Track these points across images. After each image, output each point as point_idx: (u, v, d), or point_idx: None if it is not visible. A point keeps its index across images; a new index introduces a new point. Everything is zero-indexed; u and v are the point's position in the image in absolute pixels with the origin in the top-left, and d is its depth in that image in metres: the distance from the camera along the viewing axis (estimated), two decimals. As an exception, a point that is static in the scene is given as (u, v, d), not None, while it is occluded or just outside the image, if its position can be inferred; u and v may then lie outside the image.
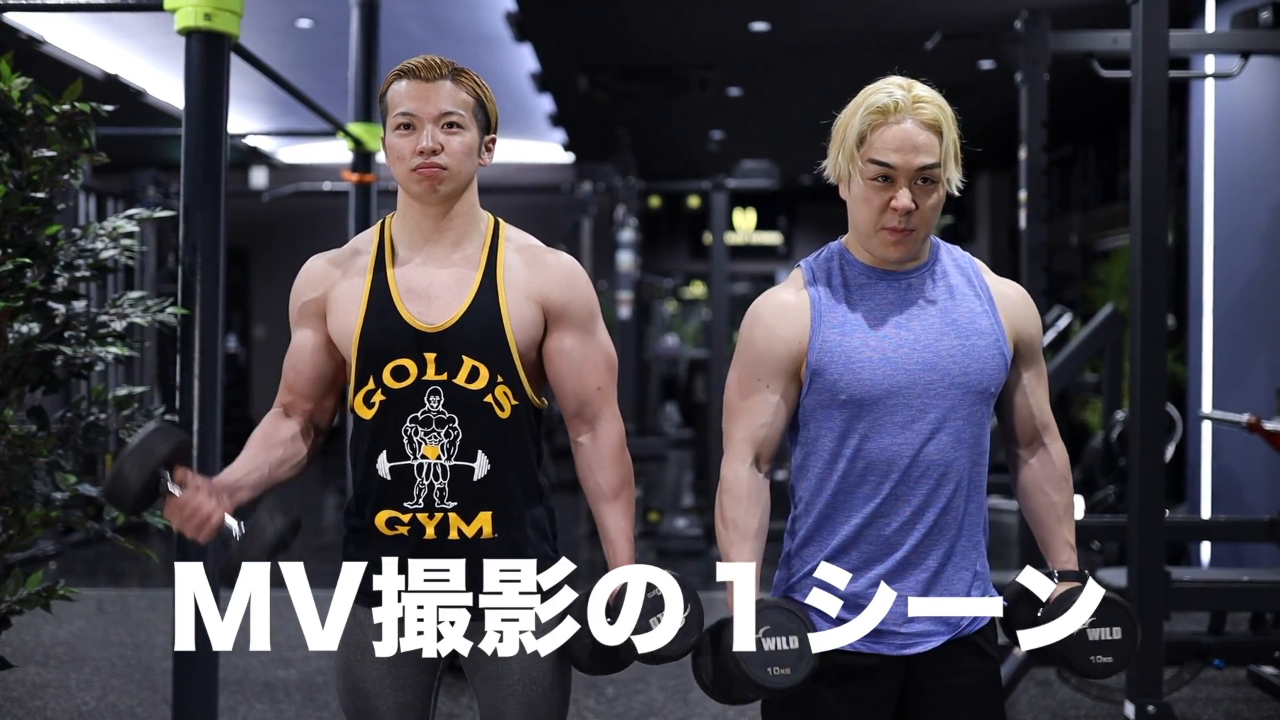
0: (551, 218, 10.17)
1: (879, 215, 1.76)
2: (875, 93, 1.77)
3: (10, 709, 4.03)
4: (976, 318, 1.82)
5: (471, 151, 1.89)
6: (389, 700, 1.91)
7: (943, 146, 1.75)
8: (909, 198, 1.74)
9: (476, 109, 1.90)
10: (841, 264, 1.85)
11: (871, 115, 1.75)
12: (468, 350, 1.85)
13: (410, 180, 1.86)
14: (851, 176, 1.78)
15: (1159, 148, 3.13)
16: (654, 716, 4.01)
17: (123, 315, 2.83)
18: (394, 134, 1.87)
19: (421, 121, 1.85)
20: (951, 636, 1.81)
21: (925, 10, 6.71)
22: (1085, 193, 10.67)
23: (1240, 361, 5.74)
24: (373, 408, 1.86)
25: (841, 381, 1.78)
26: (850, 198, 1.81)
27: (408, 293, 1.88)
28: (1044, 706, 4.12)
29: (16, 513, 2.71)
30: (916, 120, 1.73)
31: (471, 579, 1.85)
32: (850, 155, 1.77)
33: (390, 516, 1.86)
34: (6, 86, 2.66)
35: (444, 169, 1.85)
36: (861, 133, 1.75)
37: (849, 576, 1.79)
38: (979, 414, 1.81)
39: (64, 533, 6.91)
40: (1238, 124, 5.83)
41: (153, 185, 8.11)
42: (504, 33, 7.71)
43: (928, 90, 1.77)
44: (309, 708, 4.07)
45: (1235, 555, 5.76)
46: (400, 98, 1.86)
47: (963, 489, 1.80)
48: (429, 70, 1.86)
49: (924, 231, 1.78)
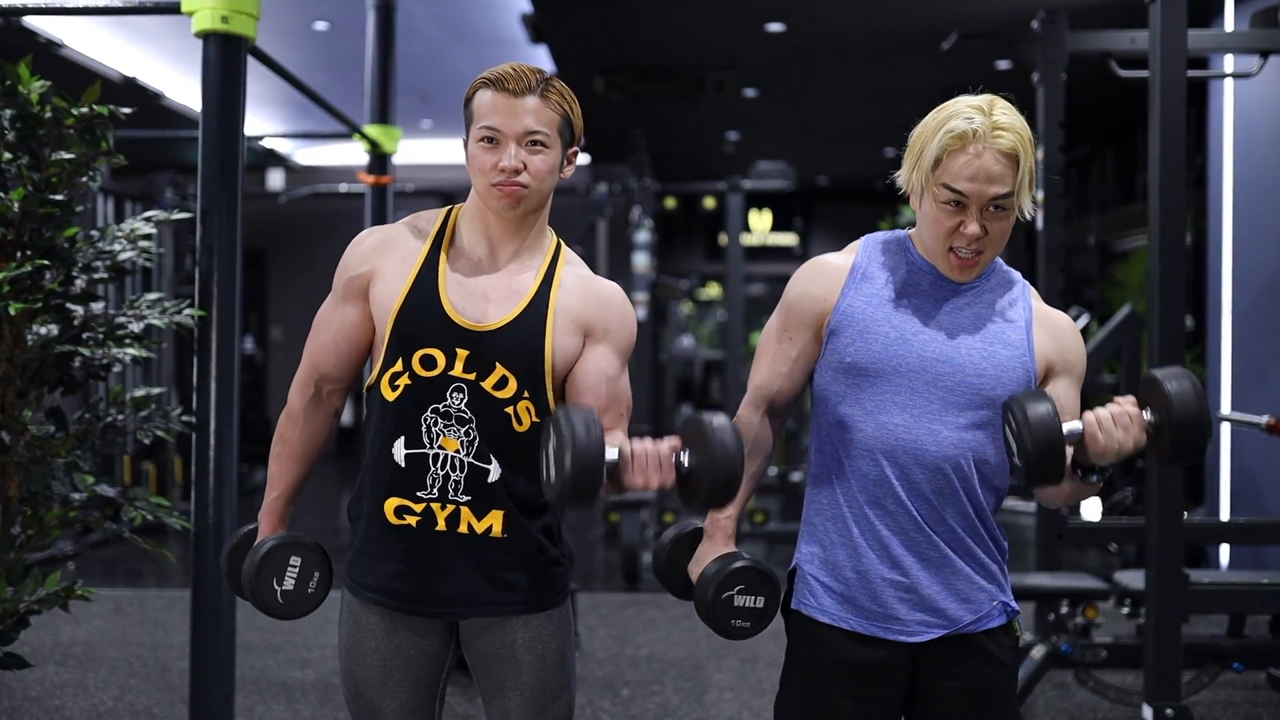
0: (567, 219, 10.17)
1: (947, 238, 1.78)
2: (955, 116, 1.75)
3: (29, 708, 4.05)
4: (1007, 330, 1.82)
5: (554, 170, 1.86)
6: (391, 702, 1.91)
7: (1018, 176, 1.75)
8: (978, 225, 1.75)
9: (562, 126, 1.87)
10: (900, 249, 1.86)
11: (950, 139, 1.74)
12: (502, 358, 1.84)
13: (489, 195, 1.84)
14: (924, 194, 1.79)
15: (1177, 148, 3.11)
16: (669, 718, 4.01)
17: (140, 317, 2.85)
18: (476, 145, 1.84)
19: (506, 138, 1.82)
20: (953, 632, 1.82)
21: (942, 10, 6.69)
22: (1103, 193, 10.62)
23: (1259, 363, 5.70)
24: (397, 390, 1.85)
25: (851, 346, 1.80)
26: (920, 214, 1.82)
27: (456, 286, 1.87)
28: (1061, 709, 4.10)
29: (35, 513, 2.73)
30: (994, 150, 1.73)
31: (480, 575, 1.86)
32: (925, 176, 1.77)
33: (400, 505, 1.85)
34: (26, 90, 2.67)
35: (525, 187, 1.83)
36: (937, 156, 1.75)
37: (853, 561, 1.82)
38: (987, 420, 1.80)
39: (82, 533, 6.95)
40: (1257, 124, 5.80)
41: (170, 187, 8.15)
42: (519, 34, 7.72)
43: (1008, 115, 1.76)
44: (325, 708, 4.08)
45: (1255, 558, 5.73)
46: (486, 110, 1.83)
47: (968, 490, 1.80)
48: (517, 82, 1.82)
49: (990, 255, 1.80)
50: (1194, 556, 5.63)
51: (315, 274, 2.54)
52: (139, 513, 2.74)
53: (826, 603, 1.84)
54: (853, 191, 13.91)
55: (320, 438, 2.00)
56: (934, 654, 1.82)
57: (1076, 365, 1.87)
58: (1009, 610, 1.86)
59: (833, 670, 1.83)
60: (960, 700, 1.82)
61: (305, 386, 1.96)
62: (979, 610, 1.83)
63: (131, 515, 2.74)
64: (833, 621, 1.83)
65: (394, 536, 1.86)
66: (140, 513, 2.74)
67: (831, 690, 1.82)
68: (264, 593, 1.90)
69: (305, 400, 1.96)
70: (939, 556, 1.80)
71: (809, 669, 1.86)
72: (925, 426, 1.78)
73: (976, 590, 1.83)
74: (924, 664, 1.83)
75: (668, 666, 4.60)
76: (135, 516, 2.74)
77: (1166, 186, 3.12)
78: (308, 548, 1.93)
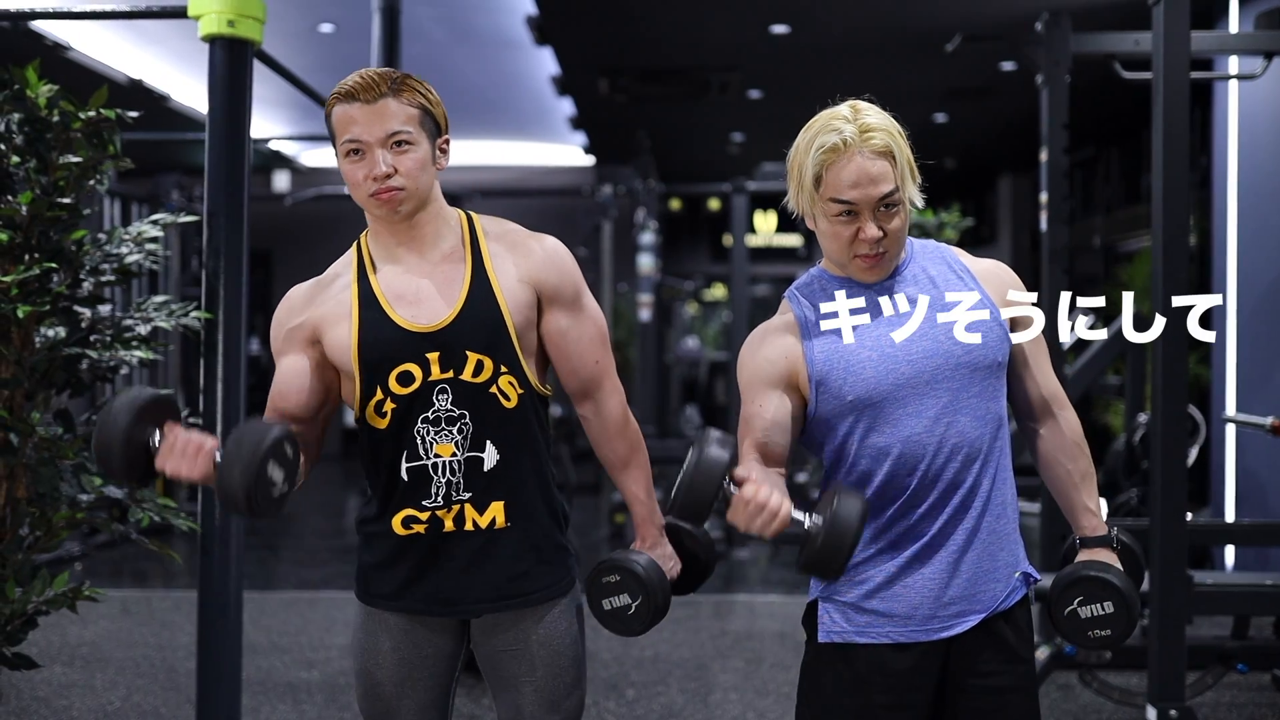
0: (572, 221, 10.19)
1: (849, 246, 1.81)
2: (824, 131, 1.78)
3: (36, 708, 4.06)
4: (965, 297, 1.85)
5: (425, 164, 1.87)
6: (409, 701, 1.92)
7: (897, 170, 1.78)
8: (875, 228, 1.78)
9: (424, 119, 1.87)
10: (823, 283, 1.89)
11: (823, 155, 1.77)
12: (470, 345, 1.86)
13: (371, 205, 1.86)
14: (815, 214, 1.82)
15: (1181, 150, 3.12)
16: (674, 718, 4.01)
17: (147, 319, 2.86)
18: (345, 161, 1.85)
19: (370, 146, 1.83)
20: (987, 615, 1.83)
21: (946, 12, 6.69)
22: (1108, 194, 10.61)
23: (1264, 364, 5.70)
24: (385, 416, 1.87)
25: (846, 385, 1.81)
26: (818, 231, 1.85)
27: (397, 299, 1.88)
28: (1065, 710, 4.10)
29: (43, 514, 2.74)
30: (868, 152, 1.76)
31: (490, 569, 1.87)
32: (810, 196, 1.80)
33: (407, 516, 1.87)
34: (34, 93, 2.69)
35: (401, 189, 1.84)
36: (816, 173, 1.78)
37: (883, 567, 1.82)
38: (992, 388, 1.83)
39: (89, 534, 6.96)
40: (1261, 125, 5.79)
41: (177, 190, 8.17)
42: (524, 36, 7.73)
43: (874, 115, 1.80)
44: (331, 708, 4.09)
45: (1259, 559, 5.72)
46: (344, 123, 1.84)
47: (990, 465, 1.83)
48: (368, 91, 1.83)
49: (896, 249, 1.83)
50: (1199, 558, 5.63)
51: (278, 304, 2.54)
52: (146, 514, 2.76)
53: (860, 621, 1.84)
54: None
55: None
56: (966, 640, 1.84)
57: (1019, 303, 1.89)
58: (1030, 580, 1.90)
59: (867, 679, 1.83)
60: (995, 678, 1.84)
61: None
62: (1008, 586, 1.86)
63: (138, 516, 2.76)
64: (870, 640, 1.83)
65: (404, 546, 1.89)
66: (147, 514, 2.76)
67: (859, 690, 1.83)
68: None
69: None
70: (971, 542, 1.82)
71: (838, 684, 1.85)
72: (946, 422, 1.80)
73: (1003, 566, 1.86)
74: (954, 657, 1.84)
75: (672, 667, 4.61)
76: (142, 518, 2.75)
77: (1170, 188, 3.12)
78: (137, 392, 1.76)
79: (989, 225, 13.16)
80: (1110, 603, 1.82)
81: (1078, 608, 1.82)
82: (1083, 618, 1.82)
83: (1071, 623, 1.83)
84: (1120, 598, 1.82)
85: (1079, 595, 1.83)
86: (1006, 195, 12.83)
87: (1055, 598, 1.85)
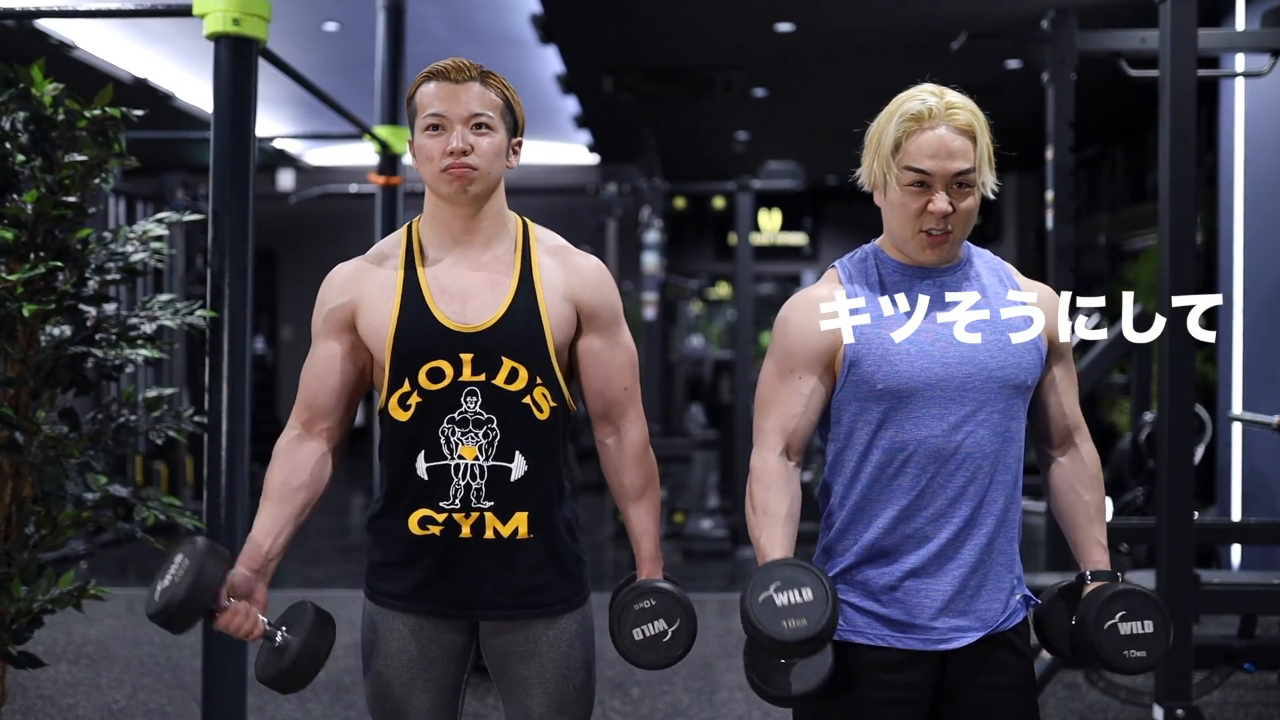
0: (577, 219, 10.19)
1: (916, 219, 1.79)
2: (909, 100, 1.78)
3: (42, 707, 4.07)
4: (1012, 314, 1.83)
5: (500, 152, 1.88)
6: (418, 702, 1.92)
7: (977, 151, 1.78)
8: (945, 201, 1.76)
9: (505, 111, 1.90)
10: (876, 263, 1.87)
11: (906, 122, 1.77)
12: (507, 351, 1.84)
13: (440, 181, 1.85)
14: (888, 183, 1.80)
15: (1187, 148, 3.11)
16: (679, 717, 4.01)
17: (152, 318, 2.86)
18: (423, 135, 1.86)
19: (451, 122, 1.85)
20: (986, 634, 1.82)
21: (951, 10, 6.68)
22: (1114, 193, 10.59)
23: (1271, 362, 5.68)
24: (409, 410, 1.86)
25: (879, 373, 1.79)
26: (886, 204, 1.83)
27: (441, 294, 1.87)
28: (1072, 709, 4.09)
29: (49, 513, 2.74)
30: (950, 126, 1.76)
31: (507, 578, 1.86)
32: (886, 162, 1.79)
33: (424, 516, 1.86)
34: (39, 92, 2.69)
35: (474, 169, 1.84)
36: (897, 140, 1.77)
37: (885, 570, 1.81)
38: (1014, 408, 1.82)
39: (95, 533, 6.98)
40: (1268, 123, 5.78)
41: (182, 188, 8.18)
42: (529, 35, 7.73)
43: (960, 96, 1.80)
44: (336, 707, 4.09)
45: (1266, 558, 5.71)
46: (429, 99, 1.86)
47: (1000, 483, 1.81)
48: (458, 72, 1.86)
49: (960, 234, 1.81)
50: (1205, 557, 5.61)
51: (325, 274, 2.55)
52: (151, 512, 2.76)
53: (858, 621, 1.84)
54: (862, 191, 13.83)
55: (299, 477, 1.89)
56: (964, 656, 1.83)
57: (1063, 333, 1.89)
58: (1031, 603, 1.89)
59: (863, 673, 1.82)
60: (992, 695, 1.83)
61: (291, 427, 1.93)
62: (1009, 609, 1.84)
63: (144, 515, 2.76)
64: (867, 641, 1.83)
65: (418, 546, 1.87)
66: (152, 512, 2.76)
67: (856, 684, 1.83)
68: None
69: (288, 438, 1.92)
70: (975, 559, 1.80)
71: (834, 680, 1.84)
72: (963, 430, 1.78)
73: (1005, 588, 1.84)
74: (953, 663, 1.83)
75: (677, 666, 4.57)
76: (147, 516, 2.76)
77: (1177, 186, 3.11)
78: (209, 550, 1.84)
79: (994, 223, 13.15)
80: (1152, 623, 1.77)
81: (1119, 622, 1.77)
82: (1123, 634, 1.78)
83: (1110, 638, 1.77)
84: (1163, 619, 1.78)
85: (1122, 610, 1.78)
86: (1012, 193, 12.81)
87: (1097, 610, 1.79)
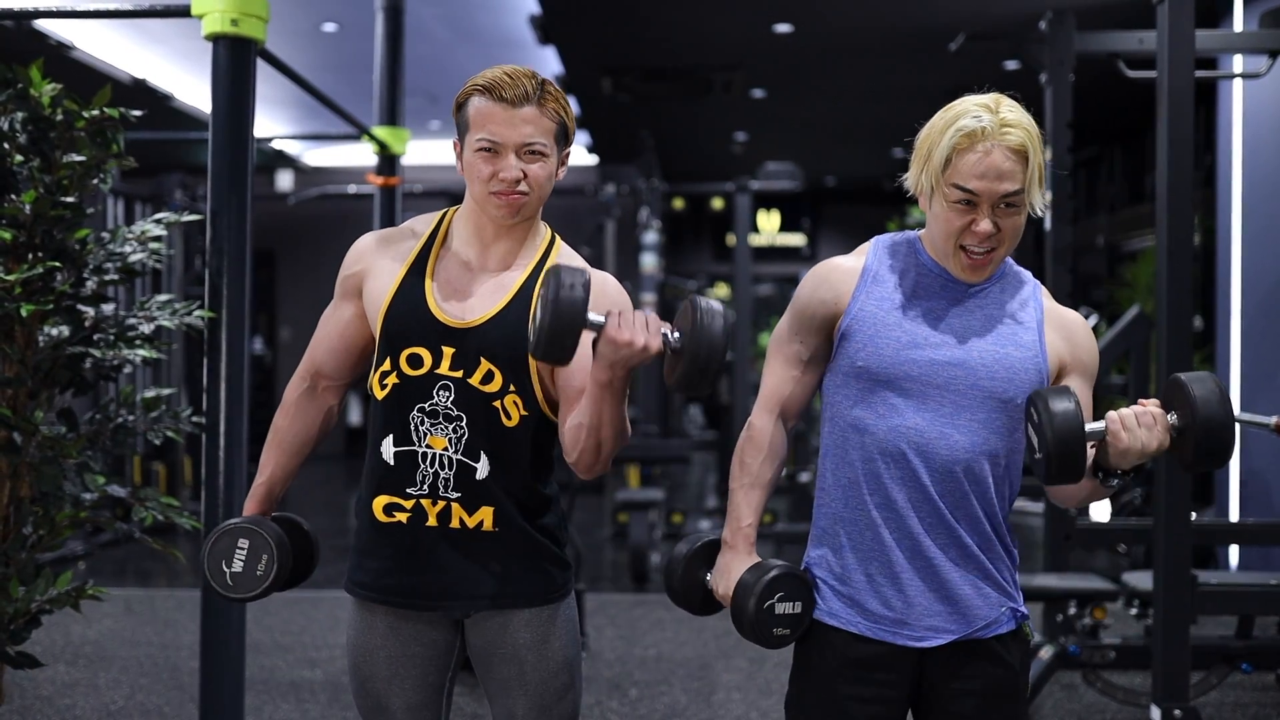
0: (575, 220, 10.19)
1: (959, 236, 1.77)
2: (963, 115, 1.75)
3: (40, 707, 4.07)
4: (1019, 331, 1.82)
5: (552, 176, 1.87)
6: (399, 699, 1.92)
7: (1027, 172, 1.74)
8: (990, 223, 1.74)
9: (559, 134, 1.86)
10: (910, 251, 1.86)
11: (959, 139, 1.73)
12: (487, 353, 1.85)
13: (488, 203, 1.84)
14: (934, 195, 1.78)
15: (1185, 149, 3.11)
16: (677, 718, 4.01)
17: (150, 318, 2.86)
18: (474, 154, 1.83)
19: (505, 149, 1.82)
20: (961, 637, 1.81)
21: (949, 11, 6.69)
22: (1112, 194, 10.60)
23: (1268, 363, 5.69)
24: (385, 389, 1.87)
25: (863, 350, 1.80)
26: (930, 214, 1.81)
27: (444, 285, 1.88)
28: (1069, 710, 4.09)
29: (46, 513, 2.75)
30: (1003, 147, 1.72)
31: (473, 568, 1.86)
32: (934, 176, 1.76)
33: (389, 503, 1.87)
34: (37, 92, 2.69)
35: (525, 196, 1.84)
36: (947, 155, 1.74)
37: (864, 560, 1.81)
38: (999, 422, 1.79)
39: (93, 533, 6.98)
40: (1266, 124, 5.79)
41: (180, 189, 8.18)
42: (528, 36, 7.73)
43: (1015, 112, 1.76)
44: (334, 707, 4.10)
45: (1263, 559, 5.71)
46: (483, 119, 1.82)
47: (980, 493, 1.80)
48: (514, 90, 1.80)
49: (1004, 253, 1.80)
50: (1203, 558, 5.62)
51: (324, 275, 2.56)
52: (149, 513, 2.76)
53: (835, 606, 1.84)
54: (861, 192, 13.90)
55: (310, 432, 2.02)
56: (941, 658, 1.82)
57: (1089, 365, 1.87)
58: (1018, 616, 1.85)
59: (840, 668, 1.83)
60: (967, 702, 1.82)
61: (301, 379, 2.02)
62: (988, 617, 1.82)
63: (142, 515, 2.76)
64: (841, 625, 1.83)
65: (383, 534, 1.88)
66: (150, 513, 2.76)
67: (840, 687, 1.83)
68: (214, 574, 1.95)
69: (298, 393, 2.02)
70: (948, 563, 1.80)
71: (818, 667, 1.86)
72: (938, 430, 1.78)
73: (985, 597, 1.82)
74: (930, 667, 1.83)
75: (675, 667, 4.61)
76: (145, 517, 2.76)
77: (1174, 187, 3.12)
78: (257, 531, 1.94)
79: (992, 224, 13.14)
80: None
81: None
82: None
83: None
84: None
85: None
86: (1010, 194, 12.80)
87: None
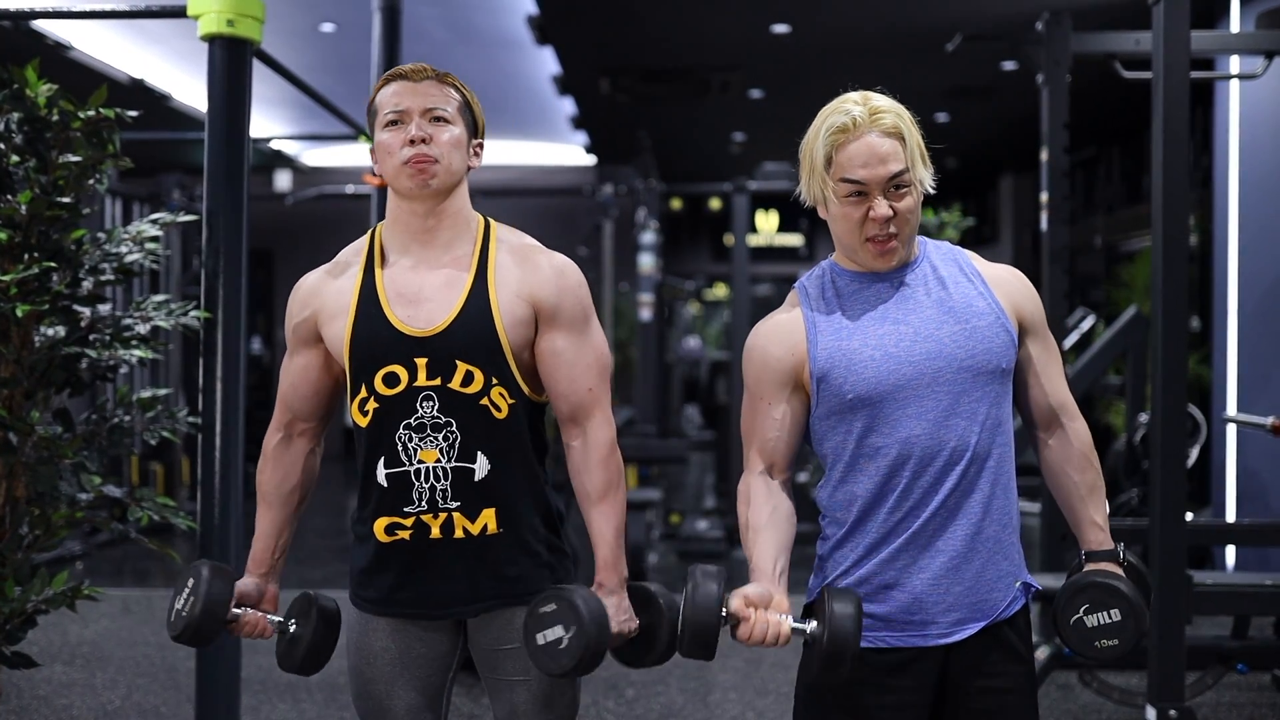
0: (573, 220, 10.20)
1: (860, 228, 1.81)
2: (833, 114, 1.81)
3: (37, 707, 4.07)
4: (972, 300, 1.84)
5: (460, 145, 1.89)
6: (399, 702, 1.92)
7: (907, 151, 1.79)
8: (885, 206, 1.79)
9: (463, 108, 1.92)
10: (833, 276, 1.90)
11: (833, 136, 1.79)
12: (460, 355, 1.84)
13: (401, 175, 1.86)
14: (827, 198, 1.82)
15: (1180, 150, 3.11)
16: (673, 718, 4.01)
17: (147, 318, 2.86)
18: (383, 131, 1.88)
19: (410, 115, 1.87)
20: (987, 623, 1.82)
21: (946, 12, 6.69)
22: (1109, 194, 10.60)
23: (1265, 364, 5.70)
24: (367, 415, 1.87)
25: (847, 383, 1.81)
26: (829, 217, 1.85)
27: (397, 297, 1.88)
28: (1065, 710, 4.10)
29: (43, 513, 2.74)
30: (878, 131, 1.78)
31: (481, 573, 1.86)
32: (821, 178, 1.81)
33: (390, 523, 1.87)
34: (33, 93, 2.69)
35: (434, 160, 1.85)
36: (827, 154, 1.80)
37: (883, 573, 1.81)
38: (993, 393, 1.82)
39: (89, 533, 6.97)
40: (1262, 125, 5.79)
41: (177, 189, 8.18)
42: (525, 36, 7.73)
43: (883, 99, 1.82)
44: (330, 707, 4.10)
45: (1260, 559, 5.72)
46: (388, 98, 1.89)
47: (990, 471, 1.81)
48: (415, 72, 1.90)
49: (907, 234, 1.83)
50: (1199, 558, 5.62)
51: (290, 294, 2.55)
52: (146, 513, 2.76)
53: None
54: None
55: (292, 480, 2.01)
56: (966, 650, 1.83)
57: (1038, 313, 1.90)
58: (1029, 590, 1.88)
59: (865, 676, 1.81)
60: (993, 700, 1.83)
61: (275, 430, 2.02)
62: (1009, 595, 1.84)
63: (138, 515, 2.76)
64: (867, 644, 1.81)
65: (389, 552, 1.88)
66: (147, 513, 2.76)
67: (866, 696, 1.82)
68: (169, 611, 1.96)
69: (274, 442, 2.02)
70: (971, 548, 1.80)
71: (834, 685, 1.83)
72: (945, 424, 1.79)
73: (1005, 575, 1.84)
74: (954, 662, 1.83)
75: (672, 667, 4.60)
76: (142, 517, 2.76)
77: (1170, 188, 3.12)
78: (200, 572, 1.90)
79: (990, 225, 13.16)
80: (1118, 610, 1.78)
81: (1084, 615, 1.79)
82: (1089, 626, 1.79)
83: (1078, 631, 1.80)
84: (1128, 605, 1.78)
85: (1085, 602, 1.79)
86: (1008, 195, 12.83)
87: (1062, 605, 1.81)
